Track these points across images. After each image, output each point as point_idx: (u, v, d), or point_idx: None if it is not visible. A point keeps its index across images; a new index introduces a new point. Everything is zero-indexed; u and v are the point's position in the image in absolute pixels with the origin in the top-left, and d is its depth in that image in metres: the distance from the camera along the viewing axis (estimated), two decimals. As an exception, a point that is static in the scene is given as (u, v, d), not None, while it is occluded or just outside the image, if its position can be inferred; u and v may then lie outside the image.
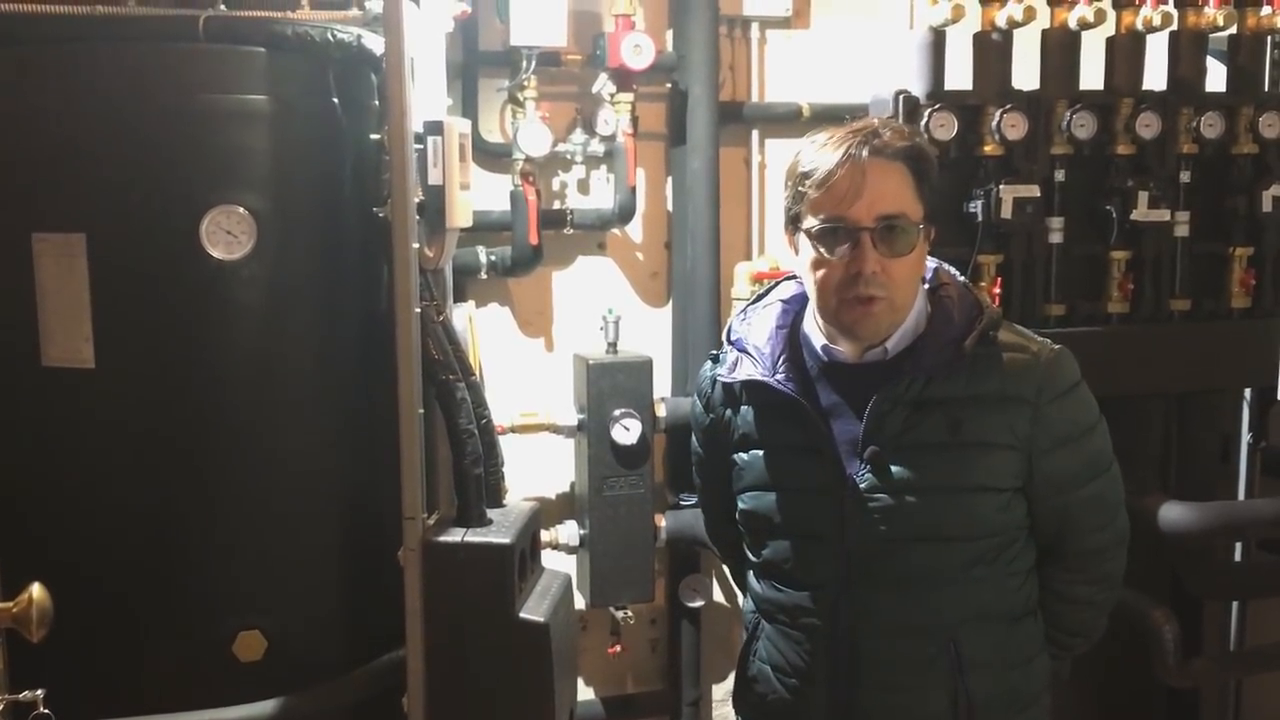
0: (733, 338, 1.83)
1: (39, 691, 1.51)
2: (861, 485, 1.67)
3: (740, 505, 1.82)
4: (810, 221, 1.65)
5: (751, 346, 1.79)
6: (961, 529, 1.67)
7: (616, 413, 3.08)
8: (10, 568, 1.57)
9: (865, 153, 1.61)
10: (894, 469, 1.66)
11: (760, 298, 1.87)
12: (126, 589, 2.11)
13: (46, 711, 1.52)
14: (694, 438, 1.98)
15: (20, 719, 1.55)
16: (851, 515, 1.67)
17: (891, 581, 1.65)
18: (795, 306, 1.80)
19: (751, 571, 1.87)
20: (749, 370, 1.76)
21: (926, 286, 1.75)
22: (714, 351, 1.91)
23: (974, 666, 1.70)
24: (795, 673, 1.77)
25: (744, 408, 1.80)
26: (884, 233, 1.61)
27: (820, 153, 1.64)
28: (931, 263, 1.77)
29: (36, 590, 1.42)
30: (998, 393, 1.66)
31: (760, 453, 1.77)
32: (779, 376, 1.74)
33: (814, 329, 1.75)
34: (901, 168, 1.64)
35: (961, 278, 1.81)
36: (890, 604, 1.69)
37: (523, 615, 2.18)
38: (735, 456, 1.82)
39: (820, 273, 1.65)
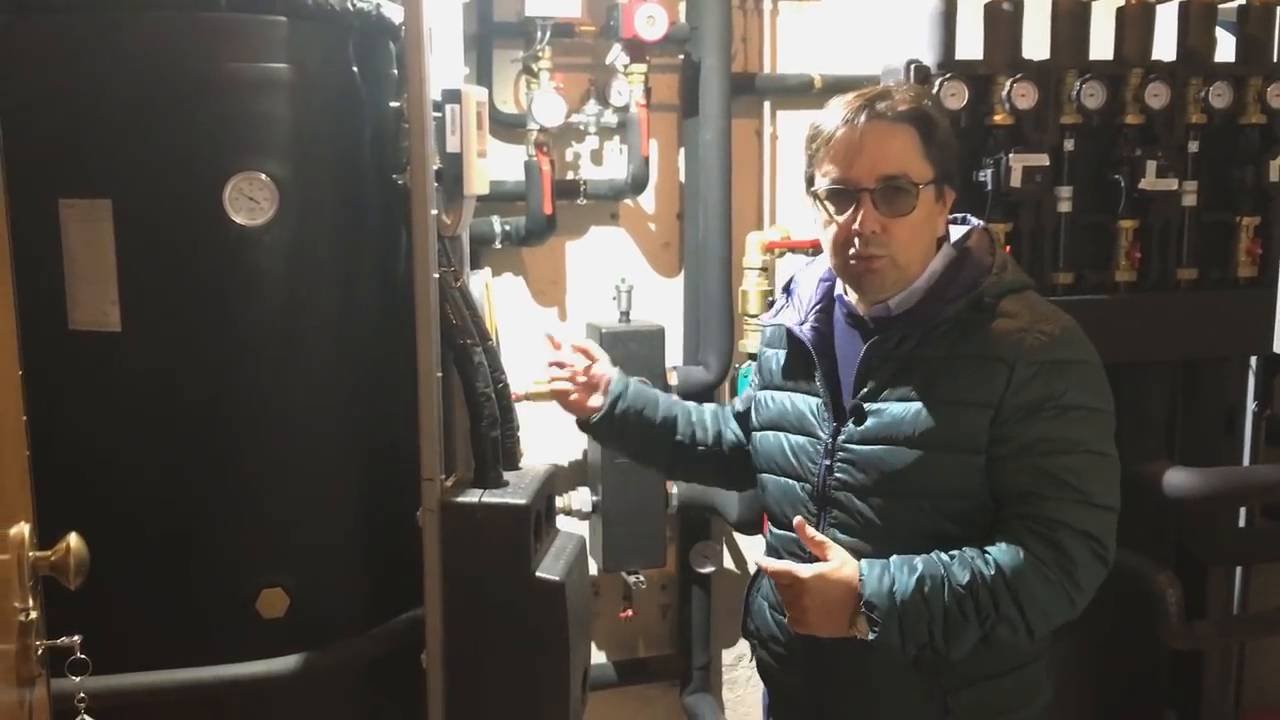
0: (792, 285, 1.93)
1: (75, 638, 1.55)
2: (842, 436, 1.74)
3: (755, 443, 1.93)
4: (818, 182, 1.72)
5: (797, 294, 1.89)
6: (930, 485, 1.69)
7: (629, 380, 3.13)
8: (40, 524, 1.61)
9: (864, 117, 1.66)
10: (870, 421, 1.72)
11: None
12: (152, 547, 2.15)
13: (84, 657, 1.57)
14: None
15: (56, 666, 1.59)
16: (831, 464, 1.75)
17: (864, 533, 1.70)
18: None
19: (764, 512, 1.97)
20: (785, 316, 1.87)
21: (960, 245, 1.78)
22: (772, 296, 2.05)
23: None
24: (783, 609, 1.82)
25: (781, 350, 1.89)
26: (884, 193, 1.67)
27: (828, 116, 1.71)
28: (973, 222, 1.82)
29: (74, 539, 1.46)
30: (978, 353, 1.68)
31: (777, 394, 1.87)
32: (805, 325, 1.82)
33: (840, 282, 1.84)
34: (906, 129, 1.68)
35: (989, 234, 1.82)
36: (865, 556, 1.69)
37: (539, 574, 2.22)
38: (760, 393, 1.93)
39: (828, 231, 1.73)
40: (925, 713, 1.75)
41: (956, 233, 1.82)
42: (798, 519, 1.68)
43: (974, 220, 1.83)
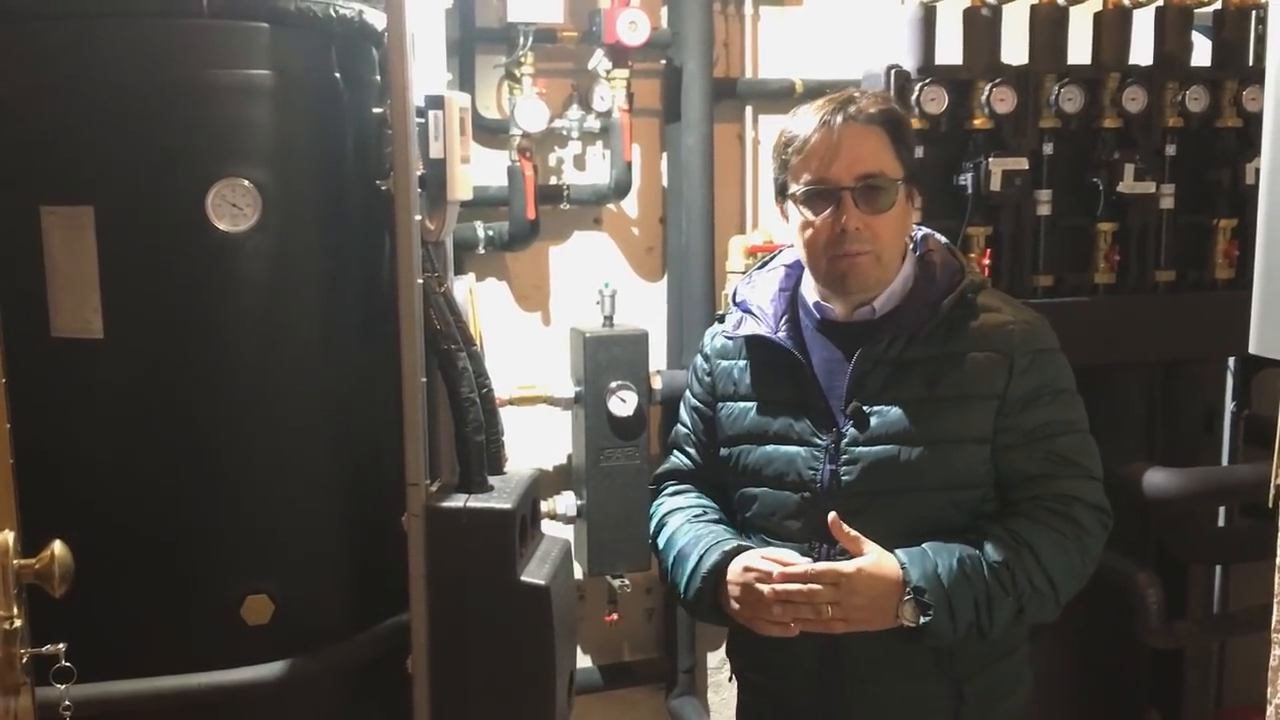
0: (737, 299, 1.94)
1: (60, 645, 1.55)
2: (845, 439, 1.76)
3: (729, 458, 1.90)
4: (795, 187, 1.76)
5: (755, 307, 1.90)
6: (942, 479, 1.75)
7: (613, 385, 3.13)
8: (24, 532, 1.61)
9: (839, 118, 1.72)
10: (874, 423, 1.75)
11: (764, 264, 1.98)
12: (136, 553, 2.14)
13: (68, 664, 1.57)
14: (688, 389, 2.07)
15: (41, 674, 1.59)
16: (836, 468, 1.76)
17: (875, 533, 1.72)
18: (797, 271, 1.91)
19: (741, 529, 1.94)
20: (752, 327, 1.87)
21: (915, 252, 1.84)
22: (720, 313, 2.02)
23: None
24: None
25: (742, 361, 1.90)
26: (864, 191, 1.72)
27: (800, 122, 1.76)
28: (921, 230, 1.87)
29: (58, 547, 1.46)
30: (974, 349, 1.75)
31: (753, 405, 1.86)
32: (780, 334, 1.84)
33: (809, 289, 1.87)
34: (877, 130, 1.74)
35: (945, 241, 1.90)
36: None
37: (524, 578, 2.22)
38: (726, 405, 1.91)
39: (808, 234, 1.76)
40: (943, 704, 1.80)
41: None
42: (832, 515, 1.70)
43: (921, 228, 1.88)
